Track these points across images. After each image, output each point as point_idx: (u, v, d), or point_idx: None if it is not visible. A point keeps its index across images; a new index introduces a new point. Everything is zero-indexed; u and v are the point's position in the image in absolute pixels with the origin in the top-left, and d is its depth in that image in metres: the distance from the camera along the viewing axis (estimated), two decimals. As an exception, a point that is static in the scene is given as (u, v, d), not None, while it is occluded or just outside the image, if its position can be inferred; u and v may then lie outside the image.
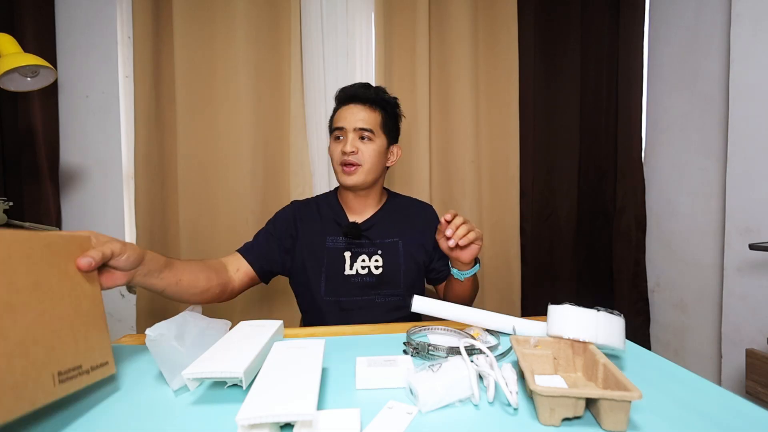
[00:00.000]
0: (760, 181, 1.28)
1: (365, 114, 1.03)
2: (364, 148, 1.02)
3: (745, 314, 1.32)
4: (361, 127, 1.01)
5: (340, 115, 1.05)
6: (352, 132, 1.02)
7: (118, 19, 1.65)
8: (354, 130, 1.01)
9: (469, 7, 1.64)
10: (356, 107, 1.03)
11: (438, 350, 0.67)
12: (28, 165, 1.56)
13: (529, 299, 1.77)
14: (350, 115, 1.02)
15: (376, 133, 1.03)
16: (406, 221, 1.09)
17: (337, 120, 1.05)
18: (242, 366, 0.55)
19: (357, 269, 1.03)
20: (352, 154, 1.00)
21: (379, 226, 1.07)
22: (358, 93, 1.04)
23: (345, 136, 1.02)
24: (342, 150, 1.01)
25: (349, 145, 1.00)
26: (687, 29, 1.62)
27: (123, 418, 0.52)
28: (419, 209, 1.14)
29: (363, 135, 1.02)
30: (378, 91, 1.06)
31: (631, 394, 0.45)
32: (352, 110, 1.03)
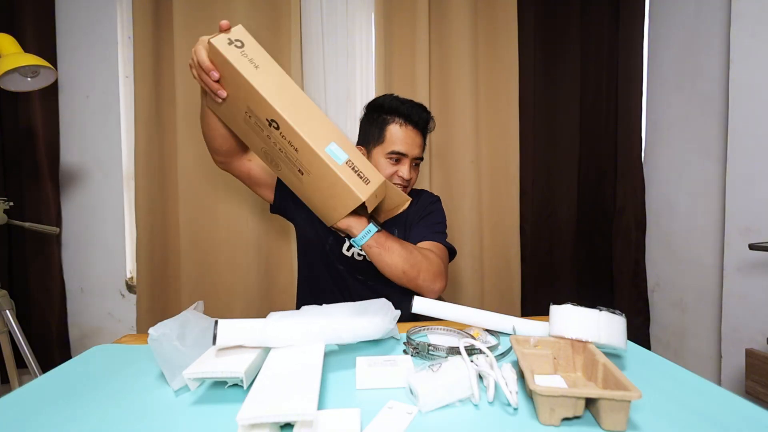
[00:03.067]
0: (760, 181, 1.28)
1: (420, 141, 1.05)
2: (413, 174, 1.07)
3: (745, 314, 1.32)
4: (417, 156, 1.05)
5: (402, 137, 1.03)
6: (410, 160, 1.04)
7: (118, 19, 1.65)
8: (413, 158, 1.04)
9: (469, 7, 1.64)
10: (415, 132, 1.04)
11: (438, 350, 0.67)
12: (28, 165, 1.56)
13: (529, 299, 1.77)
14: (411, 141, 1.03)
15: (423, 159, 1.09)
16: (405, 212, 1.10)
17: (398, 142, 1.03)
18: (243, 366, 0.55)
19: (354, 254, 1.07)
20: (409, 182, 1.05)
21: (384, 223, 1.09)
22: (419, 116, 1.04)
23: (403, 162, 1.04)
24: (399, 174, 1.03)
25: (408, 172, 1.03)
26: (687, 29, 1.62)
27: (123, 418, 0.52)
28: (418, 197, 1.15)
29: (416, 162, 1.06)
30: (428, 117, 1.07)
31: (631, 394, 0.45)
32: (412, 135, 1.03)
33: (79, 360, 0.71)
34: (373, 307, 0.72)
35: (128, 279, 1.72)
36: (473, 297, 1.69)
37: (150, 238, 1.54)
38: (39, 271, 1.60)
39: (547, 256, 1.82)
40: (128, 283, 1.71)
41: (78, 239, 1.69)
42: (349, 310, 0.70)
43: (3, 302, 1.29)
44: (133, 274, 1.71)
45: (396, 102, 1.05)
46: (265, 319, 0.64)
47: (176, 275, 1.60)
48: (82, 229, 1.69)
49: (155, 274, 1.56)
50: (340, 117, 1.73)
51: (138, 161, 1.51)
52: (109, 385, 0.61)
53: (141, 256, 1.53)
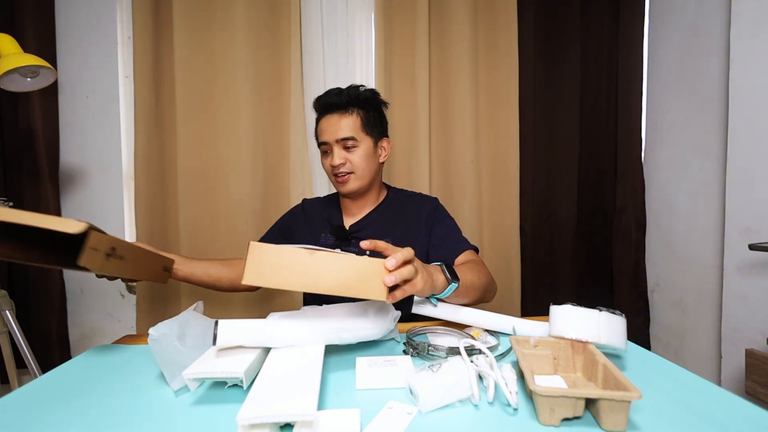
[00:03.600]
0: (760, 181, 1.28)
1: (344, 121, 1.01)
2: (351, 157, 1.02)
3: (745, 314, 1.32)
4: (342, 138, 1.01)
5: (321, 128, 1.04)
6: (336, 144, 1.01)
7: (118, 19, 1.65)
8: (337, 141, 1.01)
9: (469, 8, 1.64)
10: (334, 117, 1.02)
11: (438, 350, 0.67)
12: (28, 165, 1.56)
13: (529, 299, 1.77)
14: (329, 127, 1.02)
15: (359, 137, 1.02)
16: (400, 219, 1.07)
17: (320, 134, 1.04)
18: (243, 366, 0.55)
19: None
20: (342, 166, 1.01)
21: (371, 227, 1.07)
22: (332, 101, 1.03)
23: (330, 150, 1.02)
24: (330, 164, 1.02)
25: (336, 158, 1.01)
26: (687, 29, 1.62)
27: (123, 418, 0.52)
28: (417, 203, 1.11)
29: (347, 144, 1.01)
30: (351, 93, 1.03)
31: (631, 395, 0.45)
32: (331, 121, 1.02)
33: (79, 360, 0.71)
34: (373, 307, 0.72)
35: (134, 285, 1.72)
36: (473, 297, 1.69)
37: (150, 238, 1.54)
38: (39, 271, 1.60)
39: (547, 256, 1.82)
40: (128, 283, 1.71)
41: (78, 239, 1.68)
42: (350, 311, 0.70)
43: (3, 302, 1.29)
44: (133, 274, 1.71)
45: (316, 99, 1.07)
46: (265, 319, 0.64)
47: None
48: (82, 229, 1.68)
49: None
50: (340, 117, 1.73)
51: (138, 161, 1.51)
52: (109, 386, 0.61)
53: (141, 256, 1.53)
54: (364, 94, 1.05)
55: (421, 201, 1.12)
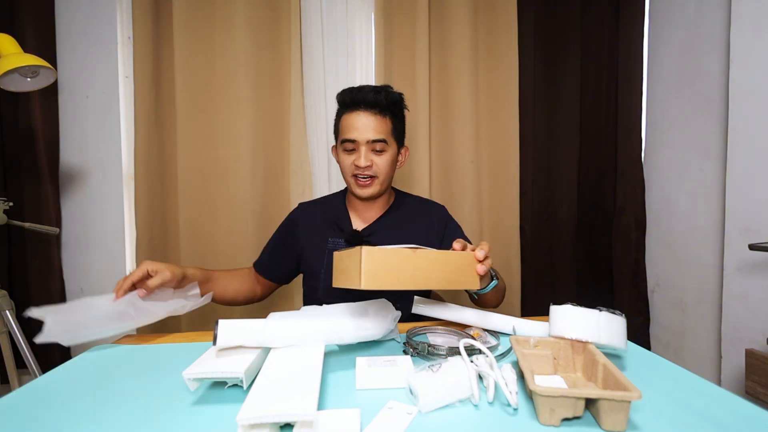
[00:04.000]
0: (760, 181, 1.28)
1: (376, 123, 0.96)
2: (378, 160, 0.98)
3: (745, 314, 1.32)
4: (374, 139, 0.96)
5: (350, 123, 0.97)
6: (365, 145, 0.96)
7: (118, 19, 1.65)
8: (367, 142, 0.96)
9: (469, 8, 1.64)
10: (366, 115, 0.96)
11: (438, 350, 0.67)
12: (28, 165, 1.56)
13: (529, 299, 1.77)
14: (362, 126, 0.96)
15: (389, 141, 0.98)
16: (411, 225, 1.06)
17: (347, 130, 0.97)
18: (243, 366, 0.55)
19: None
20: (368, 168, 0.97)
21: (382, 232, 1.04)
22: (369, 98, 0.96)
23: (357, 148, 0.97)
24: (355, 164, 0.97)
25: (363, 159, 0.96)
26: (687, 29, 1.62)
27: (123, 418, 0.52)
28: (426, 211, 1.10)
29: (376, 147, 0.97)
30: (388, 96, 0.98)
31: (631, 395, 0.45)
32: (362, 119, 0.96)
33: (79, 360, 0.72)
34: (373, 307, 0.72)
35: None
36: (473, 297, 1.69)
37: (150, 238, 1.54)
38: (39, 271, 1.60)
39: (547, 256, 1.82)
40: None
41: (78, 239, 1.69)
42: (350, 311, 0.70)
43: (3, 302, 1.29)
44: (133, 274, 1.71)
45: (347, 90, 1.00)
46: (265, 319, 0.64)
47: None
48: (82, 229, 1.68)
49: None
50: (340, 117, 1.73)
51: (138, 161, 1.51)
52: (109, 386, 0.61)
53: (141, 256, 1.53)
54: (397, 97, 1.01)
55: (431, 209, 1.11)
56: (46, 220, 1.55)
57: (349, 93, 0.99)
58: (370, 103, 0.96)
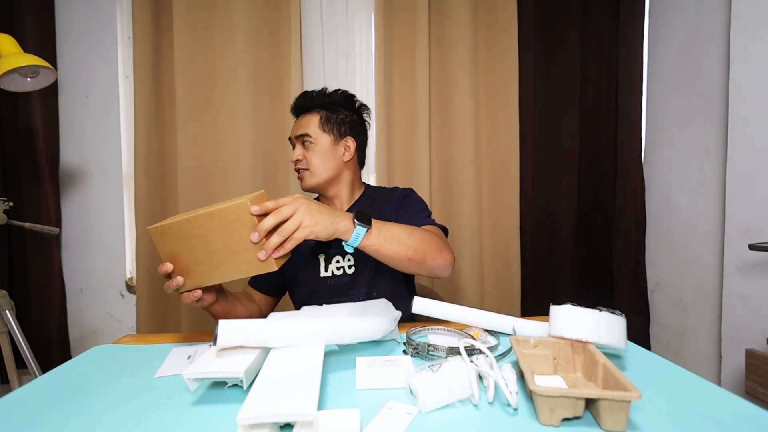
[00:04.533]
0: (760, 181, 1.28)
1: (305, 120, 1.06)
2: (307, 154, 1.04)
3: (745, 314, 1.32)
4: (299, 135, 1.04)
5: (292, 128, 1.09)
6: (297, 142, 1.06)
7: (118, 19, 1.65)
8: (296, 138, 1.05)
9: (469, 8, 1.64)
10: (301, 118, 1.07)
11: (438, 350, 0.67)
12: (28, 165, 1.56)
13: (529, 299, 1.77)
14: (296, 126, 1.07)
15: (315, 134, 1.04)
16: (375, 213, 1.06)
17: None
18: (243, 366, 0.55)
19: (332, 271, 1.04)
20: (298, 162, 1.05)
21: None
22: (299, 104, 1.08)
23: (294, 147, 1.07)
24: (291, 160, 1.07)
25: (294, 154, 1.05)
26: (687, 29, 1.62)
27: (123, 418, 0.52)
28: (389, 196, 1.09)
29: (303, 141, 1.04)
30: (317, 95, 1.07)
31: (631, 395, 0.45)
32: (298, 121, 1.07)
33: (79, 360, 0.71)
34: (373, 307, 0.72)
35: (128, 279, 1.72)
36: (473, 297, 1.69)
37: (150, 238, 1.54)
38: (39, 271, 1.60)
39: (547, 256, 1.82)
40: (128, 283, 1.71)
41: (78, 239, 1.69)
42: (350, 311, 0.70)
43: (3, 302, 1.29)
44: (133, 275, 1.71)
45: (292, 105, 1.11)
46: (265, 319, 0.64)
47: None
48: (82, 229, 1.69)
49: (155, 274, 1.56)
50: (340, 117, 1.73)
51: (138, 161, 1.51)
52: (109, 385, 0.61)
53: (141, 257, 1.53)
54: (332, 96, 1.08)
55: (393, 192, 1.11)
56: (46, 220, 1.56)
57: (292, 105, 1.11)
58: (300, 107, 1.08)
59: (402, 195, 1.09)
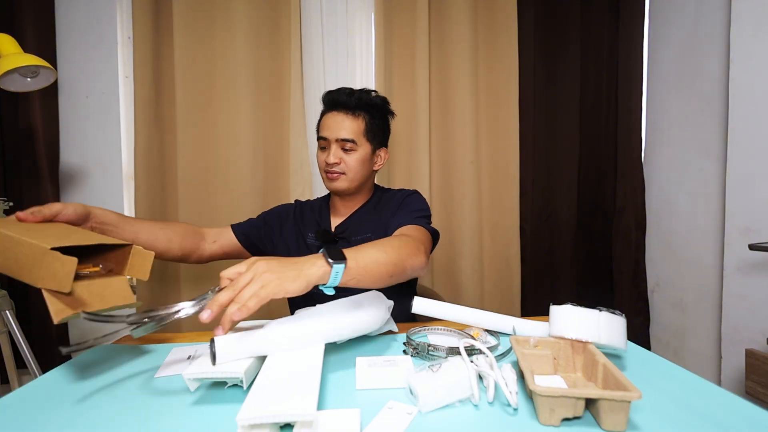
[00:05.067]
0: (760, 181, 1.28)
1: (348, 123, 1.01)
2: (347, 158, 1.02)
3: (745, 314, 1.32)
4: (343, 138, 1.01)
5: (325, 123, 1.04)
6: (335, 143, 1.01)
7: (118, 19, 1.65)
8: (336, 140, 1.01)
9: (469, 8, 1.64)
10: (340, 115, 1.02)
11: (438, 350, 0.67)
12: (28, 165, 1.56)
13: (529, 299, 1.77)
14: (333, 125, 1.02)
15: (359, 142, 1.02)
16: (382, 214, 1.07)
17: (322, 128, 1.05)
18: (243, 366, 0.55)
19: None
20: (335, 165, 1.02)
21: (354, 225, 1.06)
22: (342, 99, 1.03)
23: (328, 146, 1.02)
24: (326, 160, 1.02)
25: (332, 156, 1.01)
26: (687, 29, 1.62)
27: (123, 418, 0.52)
28: (394, 198, 1.08)
29: (345, 146, 1.01)
30: (362, 96, 1.03)
31: (631, 395, 0.45)
32: (336, 119, 1.02)
33: (79, 360, 0.71)
34: (366, 300, 0.72)
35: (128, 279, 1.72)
36: (473, 297, 1.69)
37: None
38: (39, 271, 1.60)
39: (547, 256, 1.82)
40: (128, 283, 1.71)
41: (78, 239, 1.69)
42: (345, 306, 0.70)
43: (3, 302, 1.29)
44: (133, 274, 1.71)
45: (327, 92, 1.06)
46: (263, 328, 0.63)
47: (176, 275, 1.60)
48: (82, 229, 1.68)
49: (155, 274, 1.55)
50: (340, 117, 1.73)
51: (138, 161, 1.51)
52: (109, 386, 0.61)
53: (141, 256, 1.53)
54: (375, 100, 1.05)
55: (397, 194, 1.10)
56: (46, 220, 1.55)
57: (327, 94, 1.06)
58: (342, 104, 1.02)
59: (403, 195, 1.08)
